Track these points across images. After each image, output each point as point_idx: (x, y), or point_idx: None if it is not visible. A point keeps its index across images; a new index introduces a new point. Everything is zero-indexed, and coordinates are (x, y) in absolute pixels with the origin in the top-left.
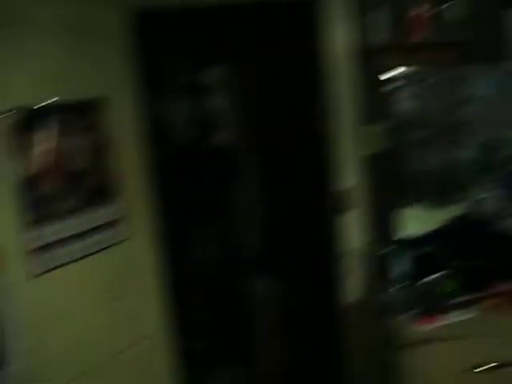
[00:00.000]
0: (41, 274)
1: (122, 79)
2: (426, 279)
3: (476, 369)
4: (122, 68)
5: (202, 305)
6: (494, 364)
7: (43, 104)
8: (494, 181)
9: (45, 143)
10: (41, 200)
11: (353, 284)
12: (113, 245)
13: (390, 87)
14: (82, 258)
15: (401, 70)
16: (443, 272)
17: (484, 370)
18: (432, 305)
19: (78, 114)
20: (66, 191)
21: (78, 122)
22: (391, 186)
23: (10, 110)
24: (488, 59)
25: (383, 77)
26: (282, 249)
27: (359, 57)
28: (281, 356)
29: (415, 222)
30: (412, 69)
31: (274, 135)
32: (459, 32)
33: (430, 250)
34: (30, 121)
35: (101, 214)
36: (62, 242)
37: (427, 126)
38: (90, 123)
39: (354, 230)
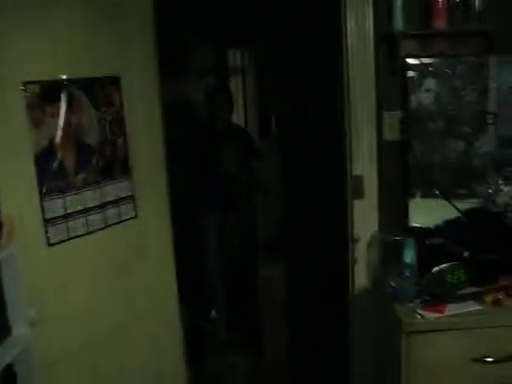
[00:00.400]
0: (55, 244)
1: (141, 57)
2: (435, 269)
3: (480, 360)
4: (141, 46)
5: (215, 284)
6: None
7: (62, 78)
8: (508, 174)
9: (62, 116)
10: (57, 171)
11: (363, 270)
12: (126, 219)
13: (410, 75)
14: (95, 230)
15: (422, 58)
16: (452, 263)
17: (488, 361)
18: (440, 294)
19: (96, 89)
20: (82, 164)
21: (94, 97)
22: (406, 174)
23: (30, 83)
24: (508, 50)
25: (404, 64)
26: (297, 232)
27: (381, 43)
28: (288, 340)
29: (428, 212)
30: (433, 58)
31: (294, 119)
32: (482, 21)
33: (440, 241)
34: (48, 94)
35: (115, 189)
36: (77, 213)
37: (445, 117)
38: (106, 98)
39: (366, 217)
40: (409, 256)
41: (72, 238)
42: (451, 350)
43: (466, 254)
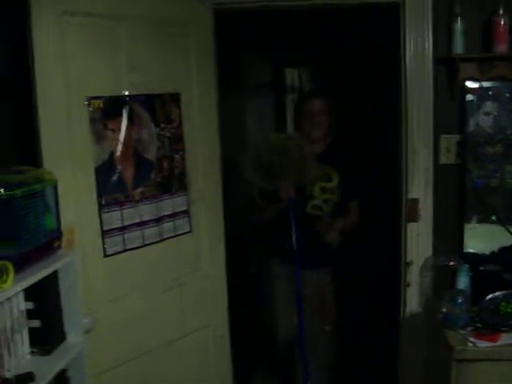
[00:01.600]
0: (111, 255)
1: (201, 74)
2: (489, 296)
3: None
4: (201, 64)
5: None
6: None
7: (124, 94)
8: None
9: (123, 131)
10: (116, 185)
11: (415, 294)
12: (181, 234)
13: (469, 99)
14: (151, 243)
15: (481, 82)
16: (507, 291)
17: None
18: (493, 323)
19: (156, 105)
20: (140, 178)
21: (155, 113)
22: (462, 198)
23: (94, 98)
24: None
25: (463, 88)
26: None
27: (440, 66)
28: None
29: (483, 238)
30: (493, 81)
31: (352, 143)
32: None
33: (495, 268)
34: (111, 109)
35: (171, 203)
36: (134, 226)
37: (503, 141)
38: (166, 115)
39: (421, 240)
40: (462, 282)
41: (128, 250)
42: (502, 381)
43: None
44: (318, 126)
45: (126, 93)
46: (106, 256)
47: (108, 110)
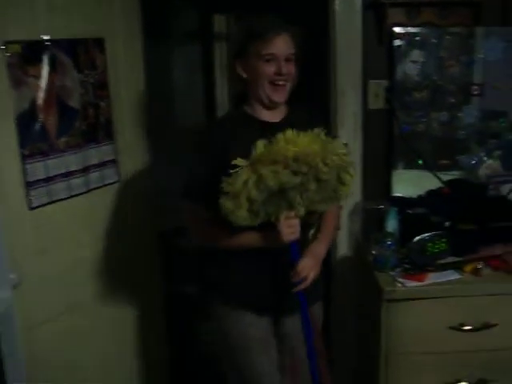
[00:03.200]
0: (37, 208)
1: (125, 19)
2: (417, 238)
3: (457, 328)
4: (125, 7)
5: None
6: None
7: (44, 38)
8: (491, 147)
9: (45, 78)
10: (39, 134)
11: (345, 238)
12: (108, 184)
13: (396, 44)
14: (77, 194)
15: (409, 27)
16: (434, 232)
17: (465, 329)
18: (420, 263)
19: (79, 51)
20: (64, 127)
21: (78, 59)
22: (390, 144)
23: (10, 43)
24: (497, 21)
25: (391, 33)
26: None
27: (369, 11)
28: None
29: (411, 182)
30: (420, 28)
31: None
32: None
33: (422, 211)
34: (30, 54)
35: (98, 152)
36: (59, 177)
37: (430, 87)
38: (90, 61)
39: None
40: (391, 225)
41: (54, 202)
42: (430, 318)
43: (447, 224)
44: (285, 81)
45: (47, 37)
46: (31, 208)
47: (28, 55)
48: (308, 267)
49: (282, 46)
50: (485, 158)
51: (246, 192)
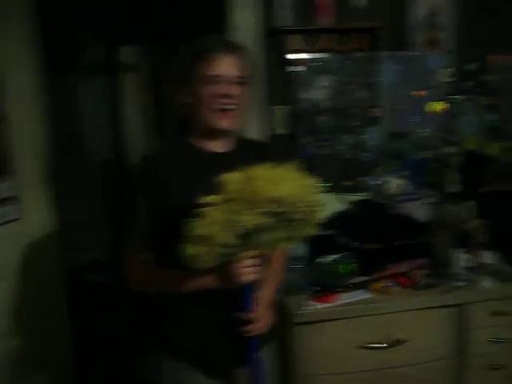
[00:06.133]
0: None
1: (24, 54)
2: (325, 259)
3: (367, 346)
4: (23, 44)
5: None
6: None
7: None
8: (396, 167)
9: None
10: None
11: None
12: (8, 221)
13: (297, 70)
14: None
15: (310, 54)
16: (342, 253)
17: (374, 347)
18: (330, 285)
19: None
20: None
21: None
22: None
23: None
24: (392, 46)
25: (291, 60)
26: None
27: (266, 39)
28: None
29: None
30: (321, 53)
31: None
32: (364, 18)
33: (330, 233)
34: None
35: None
36: None
37: (334, 111)
38: None
39: None
40: (299, 247)
41: None
42: (342, 339)
43: (355, 244)
44: (233, 105)
45: None
46: None
47: None
48: (263, 315)
49: (227, 67)
50: (390, 178)
51: (219, 236)
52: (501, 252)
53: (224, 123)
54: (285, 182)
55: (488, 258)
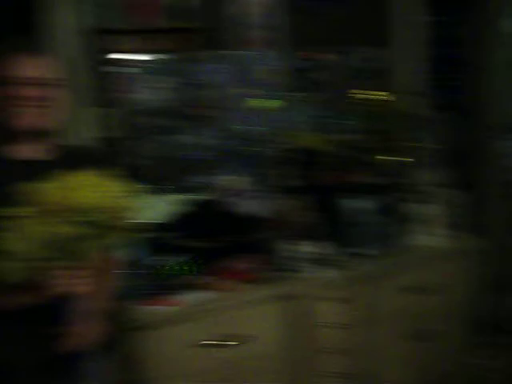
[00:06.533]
0: None
1: None
2: (164, 262)
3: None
4: None
5: None
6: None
7: None
8: (233, 165)
9: None
10: None
11: None
12: None
13: (120, 71)
14: None
15: (133, 55)
16: (182, 255)
17: (212, 344)
18: (170, 287)
19: None
20: None
21: None
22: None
23: None
24: (215, 46)
25: (112, 60)
26: None
27: (88, 40)
28: None
29: (153, 208)
30: (144, 55)
31: None
32: (188, 18)
33: (169, 235)
34: None
35: None
36: None
37: (163, 113)
38: None
39: None
40: (134, 252)
41: None
42: (184, 340)
43: (195, 244)
44: (41, 106)
45: None
46: None
47: None
48: (87, 328)
49: (26, 68)
50: (228, 177)
51: (27, 249)
52: (338, 242)
53: (22, 124)
54: (82, 190)
55: (326, 248)
